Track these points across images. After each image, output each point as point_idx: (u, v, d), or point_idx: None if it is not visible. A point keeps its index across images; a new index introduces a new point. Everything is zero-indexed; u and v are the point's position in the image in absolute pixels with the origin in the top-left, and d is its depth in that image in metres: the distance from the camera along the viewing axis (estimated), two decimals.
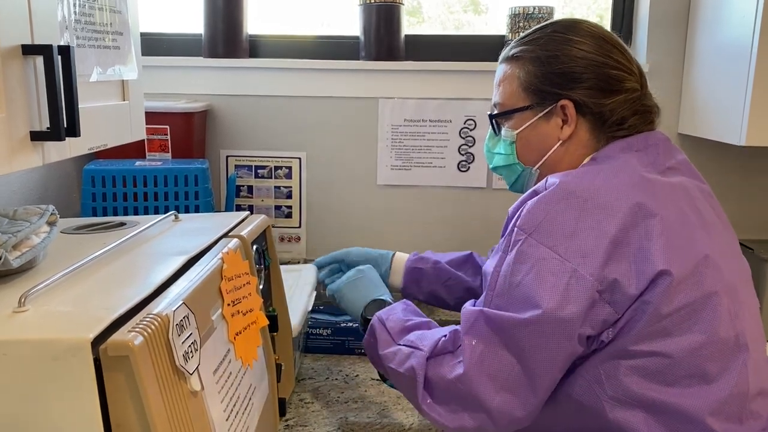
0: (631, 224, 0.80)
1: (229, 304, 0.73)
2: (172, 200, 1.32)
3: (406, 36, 1.66)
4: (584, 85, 0.91)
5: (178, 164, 1.36)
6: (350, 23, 1.72)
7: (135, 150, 1.51)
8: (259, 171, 1.70)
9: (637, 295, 0.79)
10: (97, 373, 0.51)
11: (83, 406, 0.51)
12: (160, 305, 0.59)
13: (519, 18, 1.63)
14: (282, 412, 0.94)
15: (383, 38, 1.62)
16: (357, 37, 1.67)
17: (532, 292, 0.79)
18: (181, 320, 0.59)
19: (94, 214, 1.31)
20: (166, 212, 0.94)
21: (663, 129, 0.99)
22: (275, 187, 1.70)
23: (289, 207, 1.71)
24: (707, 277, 0.80)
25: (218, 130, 1.68)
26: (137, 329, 0.53)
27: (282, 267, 1.03)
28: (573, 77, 0.91)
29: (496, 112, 1.01)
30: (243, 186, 1.70)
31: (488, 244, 1.71)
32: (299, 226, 1.72)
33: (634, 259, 0.79)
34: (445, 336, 0.88)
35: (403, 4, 1.62)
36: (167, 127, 1.50)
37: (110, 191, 1.31)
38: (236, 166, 1.69)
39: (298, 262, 1.67)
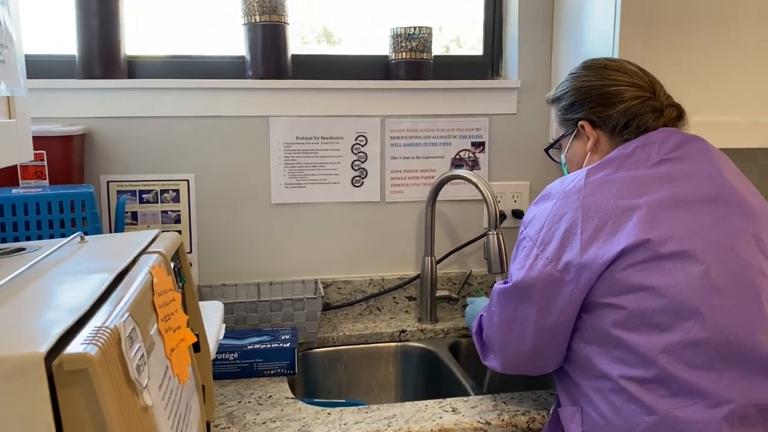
0: (579, 218, 1.00)
1: (162, 319, 0.70)
2: (57, 228, 1.23)
3: (292, 56, 1.67)
4: (589, 106, 1.14)
5: (62, 189, 1.26)
6: (230, 44, 1.70)
7: (5, 178, 1.39)
8: (143, 195, 1.62)
9: (587, 264, 0.97)
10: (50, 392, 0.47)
11: (36, 427, 0.47)
12: (103, 319, 0.55)
13: (401, 38, 1.70)
14: None
15: (270, 57, 1.62)
16: (242, 57, 1.65)
17: (512, 268, 1.08)
18: (130, 332, 0.56)
19: None
20: None
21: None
22: (162, 211, 1.63)
23: (179, 232, 1.64)
24: (667, 244, 0.94)
25: (97, 154, 1.58)
26: (91, 341, 0.50)
27: None
28: (581, 103, 1.16)
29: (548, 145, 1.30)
30: (127, 212, 1.61)
31: (384, 257, 1.75)
32: (190, 252, 1.66)
33: (585, 242, 0.98)
34: None
35: (288, 24, 1.64)
36: (43, 152, 1.39)
37: None
38: (118, 192, 1.61)
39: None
